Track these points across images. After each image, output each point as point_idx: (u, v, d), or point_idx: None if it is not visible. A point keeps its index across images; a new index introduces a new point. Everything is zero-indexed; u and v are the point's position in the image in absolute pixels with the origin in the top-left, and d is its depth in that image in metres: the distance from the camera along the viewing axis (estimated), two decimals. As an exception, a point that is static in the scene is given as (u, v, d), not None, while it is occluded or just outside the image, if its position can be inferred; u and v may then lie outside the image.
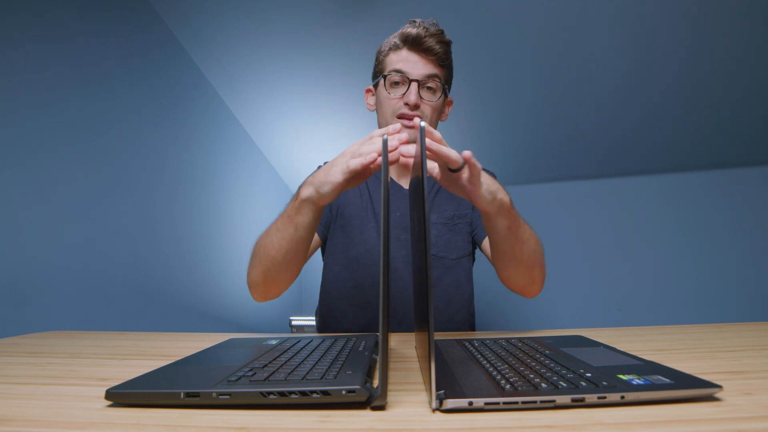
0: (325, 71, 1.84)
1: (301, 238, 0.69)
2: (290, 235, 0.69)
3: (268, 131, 2.22)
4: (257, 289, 0.79)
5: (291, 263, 0.74)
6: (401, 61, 0.85)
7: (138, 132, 1.50)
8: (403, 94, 0.85)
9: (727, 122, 1.90)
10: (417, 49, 0.85)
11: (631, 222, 2.29)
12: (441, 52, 0.85)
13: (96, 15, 1.35)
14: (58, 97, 1.21)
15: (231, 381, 0.40)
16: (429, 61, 0.85)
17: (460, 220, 0.96)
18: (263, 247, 0.74)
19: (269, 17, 1.62)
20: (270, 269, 0.74)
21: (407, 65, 0.85)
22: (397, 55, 0.86)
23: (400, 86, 0.86)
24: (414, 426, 0.34)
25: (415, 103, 0.83)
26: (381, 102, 0.89)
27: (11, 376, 0.51)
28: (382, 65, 0.89)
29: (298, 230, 0.68)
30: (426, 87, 0.85)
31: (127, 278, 1.41)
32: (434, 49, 0.84)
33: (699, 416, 0.33)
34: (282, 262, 0.72)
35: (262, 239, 0.75)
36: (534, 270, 0.76)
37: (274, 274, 0.75)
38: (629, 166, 2.23)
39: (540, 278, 0.79)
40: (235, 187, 2.09)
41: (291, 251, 0.71)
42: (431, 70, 0.85)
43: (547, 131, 2.06)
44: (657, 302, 2.19)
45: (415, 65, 0.85)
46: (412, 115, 0.84)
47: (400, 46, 0.86)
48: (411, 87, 0.83)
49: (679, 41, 1.57)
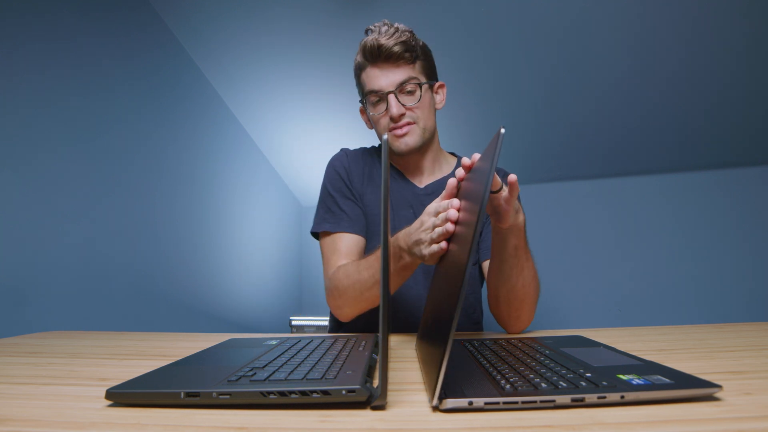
0: (326, 71, 1.84)
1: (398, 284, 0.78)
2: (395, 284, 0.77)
3: (268, 131, 2.22)
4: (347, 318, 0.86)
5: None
6: (370, 78, 0.85)
7: (138, 132, 1.50)
8: (386, 110, 0.85)
9: (727, 122, 1.90)
10: (379, 60, 0.84)
11: (631, 222, 2.29)
12: (402, 51, 0.83)
13: (96, 15, 1.35)
14: (58, 97, 1.21)
15: (231, 381, 0.40)
16: (397, 66, 0.84)
17: None
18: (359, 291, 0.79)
19: (269, 17, 1.62)
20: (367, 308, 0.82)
21: (377, 81, 0.84)
22: (366, 74, 0.86)
23: (381, 102, 0.86)
24: (414, 426, 0.34)
25: (398, 115, 0.84)
26: (372, 121, 0.90)
27: (11, 376, 0.51)
28: (361, 86, 0.90)
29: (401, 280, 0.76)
30: (405, 92, 0.85)
31: (127, 278, 1.41)
32: (395, 53, 0.83)
33: (699, 416, 0.33)
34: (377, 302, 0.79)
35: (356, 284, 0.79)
36: (524, 305, 0.76)
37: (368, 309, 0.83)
38: (629, 166, 2.23)
39: (526, 318, 0.78)
40: (235, 187, 2.09)
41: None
42: (401, 76, 0.84)
43: (547, 131, 2.06)
44: (657, 302, 2.19)
45: (385, 78, 0.84)
46: (401, 125, 0.85)
47: (365, 65, 0.86)
48: (389, 101, 0.83)
49: (679, 41, 1.57)
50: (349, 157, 0.97)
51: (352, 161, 0.96)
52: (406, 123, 0.85)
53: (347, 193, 0.93)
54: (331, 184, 0.94)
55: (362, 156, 0.98)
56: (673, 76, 1.71)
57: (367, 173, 0.96)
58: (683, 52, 1.61)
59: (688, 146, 2.06)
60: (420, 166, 0.94)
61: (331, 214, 0.91)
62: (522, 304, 0.75)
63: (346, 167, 0.95)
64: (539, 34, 1.60)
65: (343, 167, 0.95)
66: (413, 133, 0.86)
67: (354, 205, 0.93)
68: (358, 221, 0.91)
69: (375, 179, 0.95)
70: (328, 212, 0.92)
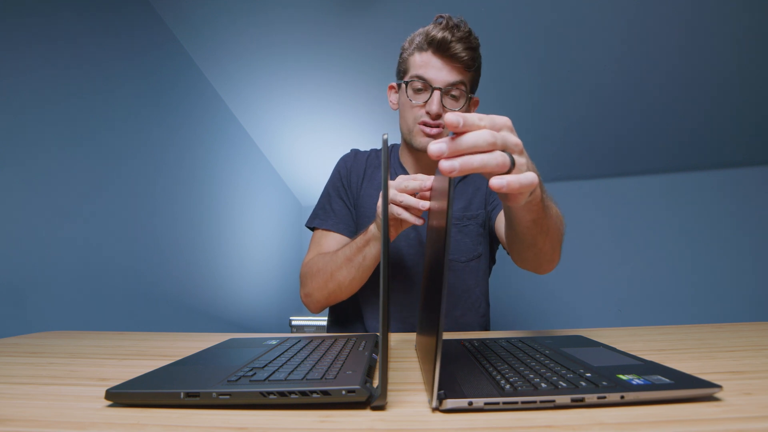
0: (326, 71, 1.84)
1: (368, 267, 0.77)
2: (359, 264, 0.77)
3: (268, 131, 2.22)
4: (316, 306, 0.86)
5: (356, 286, 0.81)
6: (425, 65, 0.82)
7: (138, 132, 1.50)
8: (425, 102, 0.82)
9: (727, 122, 1.90)
10: (442, 54, 0.81)
11: (631, 222, 2.29)
12: (468, 59, 0.81)
13: (96, 15, 1.35)
14: (58, 97, 1.21)
15: (231, 381, 0.40)
16: (454, 68, 0.81)
17: (470, 221, 0.93)
18: (329, 272, 0.80)
19: (269, 17, 1.62)
20: (335, 291, 0.81)
21: (431, 72, 0.81)
22: (421, 57, 0.83)
23: (423, 93, 0.83)
24: (414, 426, 0.34)
25: (437, 113, 0.81)
26: (403, 105, 0.87)
27: (11, 376, 0.51)
28: (406, 65, 0.86)
29: (366, 260, 0.76)
30: (450, 95, 0.82)
31: (127, 278, 1.41)
32: (460, 57, 0.80)
33: (699, 416, 0.33)
34: (348, 285, 0.80)
35: (327, 264, 0.81)
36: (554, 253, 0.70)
37: (338, 295, 0.82)
38: (629, 166, 2.23)
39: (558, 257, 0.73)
40: (235, 187, 2.09)
41: (357, 278, 0.79)
42: (455, 77, 0.81)
43: (547, 131, 2.06)
44: (657, 302, 2.19)
45: (439, 72, 0.81)
46: (434, 124, 0.83)
47: (425, 48, 0.82)
48: (433, 96, 0.81)
49: (679, 41, 1.57)
50: (354, 158, 0.99)
51: (356, 162, 0.98)
52: (438, 125, 0.83)
53: (341, 193, 0.95)
54: (331, 183, 0.97)
55: (369, 157, 0.99)
56: (672, 76, 1.71)
57: (368, 174, 0.97)
58: (683, 51, 1.61)
59: (688, 146, 2.06)
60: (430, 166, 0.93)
61: (323, 211, 0.95)
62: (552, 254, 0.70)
63: (348, 167, 0.97)
64: (539, 34, 1.60)
65: (346, 167, 0.97)
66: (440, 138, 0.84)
67: (344, 206, 0.95)
68: (344, 221, 0.93)
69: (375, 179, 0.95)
70: (321, 209, 0.95)
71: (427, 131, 0.83)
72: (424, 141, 0.85)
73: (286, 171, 2.54)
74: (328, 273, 0.80)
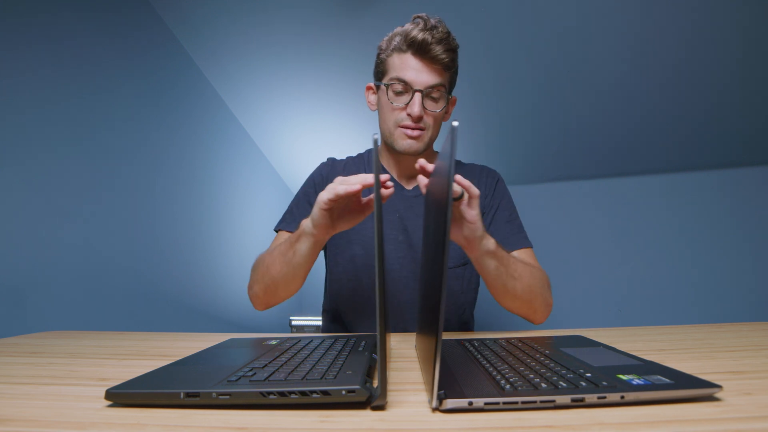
0: (326, 71, 1.84)
1: (298, 264, 0.74)
2: (289, 260, 0.74)
3: (268, 131, 2.22)
4: (257, 301, 0.86)
5: (290, 284, 0.80)
6: (405, 68, 0.81)
7: (138, 132, 1.49)
8: (406, 104, 0.82)
9: (727, 122, 1.90)
10: (422, 56, 0.80)
11: (631, 222, 2.29)
12: (448, 60, 0.81)
13: (96, 15, 1.35)
14: (58, 96, 1.21)
15: (231, 381, 0.40)
16: (434, 70, 0.81)
17: None
18: (266, 266, 0.80)
19: (269, 17, 1.62)
20: (270, 286, 0.80)
21: (411, 74, 0.80)
22: (400, 59, 0.82)
23: (404, 95, 0.82)
24: (414, 426, 0.34)
25: (418, 116, 0.81)
26: (382, 107, 0.86)
27: (11, 376, 0.51)
28: (385, 66, 0.85)
29: (296, 256, 0.73)
30: (430, 96, 0.82)
31: (127, 278, 1.41)
32: (440, 58, 0.80)
33: (699, 416, 0.33)
34: (281, 281, 0.78)
35: (265, 258, 0.81)
36: (534, 302, 0.77)
37: (273, 291, 0.81)
38: (629, 166, 2.23)
39: (542, 308, 0.79)
40: (235, 187, 2.09)
41: (289, 274, 0.77)
42: (436, 80, 0.81)
43: (547, 131, 2.06)
44: (657, 302, 2.19)
45: (420, 74, 0.80)
46: (415, 127, 0.83)
47: (405, 49, 0.81)
48: (415, 98, 0.80)
49: (679, 41, 1.57)
50: (331, 166, 1.00)
51: (333, 170, 0.98)
52: (419, 127, 0.83)
53: (311, 199, 0.95)
54: (303, 189, 0.98)
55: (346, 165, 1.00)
56: (673, 75, 1.71)
57: None
58: (683, 51, 1.61)
59: (688, 146, 2.06)
60: (411, 168, 0.93)
61: (290, 215, 0.95)
62: (531, 303, 0.77)
63: (324, 175, 0.98)
64: (538, 33, 1.60)
65: (321, 175, 0.98)
66: (421, 140, 0.84)
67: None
68: None
69: None
70: (288, 213, 0.96)
71: (409, 133, 0.83)
72: (405, 144, 0.84)
73: (286, 171, 2.54)
74: (265, 266, 0.80)
